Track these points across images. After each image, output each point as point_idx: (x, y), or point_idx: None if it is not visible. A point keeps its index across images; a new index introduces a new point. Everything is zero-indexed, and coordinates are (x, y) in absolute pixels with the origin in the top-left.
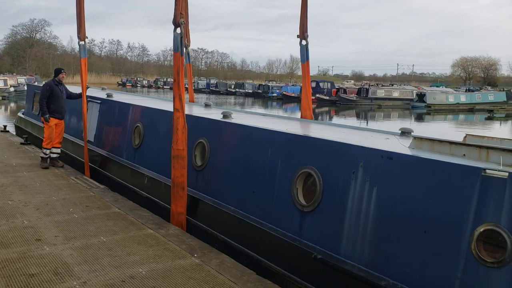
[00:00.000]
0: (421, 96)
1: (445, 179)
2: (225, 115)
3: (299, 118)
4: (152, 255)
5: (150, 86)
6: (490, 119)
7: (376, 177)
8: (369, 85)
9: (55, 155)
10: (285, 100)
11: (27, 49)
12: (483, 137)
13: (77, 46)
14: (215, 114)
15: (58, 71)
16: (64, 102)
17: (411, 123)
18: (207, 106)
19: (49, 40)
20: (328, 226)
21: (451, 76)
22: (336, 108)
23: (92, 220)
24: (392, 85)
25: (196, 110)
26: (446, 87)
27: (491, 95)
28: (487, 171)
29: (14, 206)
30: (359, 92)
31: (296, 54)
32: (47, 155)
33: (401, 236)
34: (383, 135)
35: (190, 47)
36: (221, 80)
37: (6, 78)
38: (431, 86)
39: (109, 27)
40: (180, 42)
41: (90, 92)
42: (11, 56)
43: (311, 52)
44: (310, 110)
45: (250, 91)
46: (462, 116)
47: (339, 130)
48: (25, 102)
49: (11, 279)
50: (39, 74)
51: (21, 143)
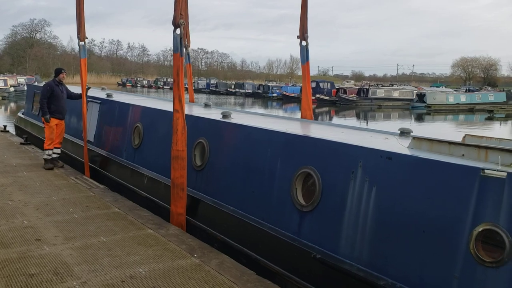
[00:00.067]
0: (421, 96)
1: (444, 179)
2: (224, 115)
3: (298, 118)
4: (152, 255)
5: (150, 86)
6: (490, 119)
7: (375, 177)
8: (369, 85)
9: (55, 155)
10: (285, 100)
11: (27, 49)
12: (482, 137)
13: (77, 46)
14: (214, 114)
15: (59, 71)
16: (64, 102)
17: (411, 123)
18: (206, 106)
19: (49, 40)
20: (327, 226)
21: (451, 76)
22: (336, 108)
23: (92, 220)
24: (392, 85)
25: (196, 110)
26: (446, 87)
27: (491, 96)
28: (486, 171)
29: (14, 206)
30: (359, 92)
31: (296, 54)
32: (50, 155)
33: (400, 236)
34: (382, 135)
35: (190, 47)
36: (221, 80)
37: (6, 78)
38: (431, 86)
39: (109, 27)
40: (179, 42)
41: (90, 92)
42: (11, 56)
43: (311, 52)
44: (310, 111)
45: (250, 91)
46: (462, 117)
47: (338, 130)
48: (25, 102)
49: (11, 279)
50: (39, 74)
51: (21, 143)
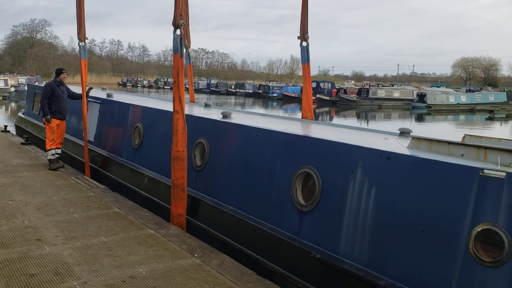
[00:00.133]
0: (421, 97)
1: (443, 179)
2: (224, 115)
3: (298, 118)
4: (152, 255)
5: (150, 86)
6: (491, 119)
7: (374, 177)
8: (369, 85)
9: (56, 155)
10: (285, 100)
11: (27, 49)
12: (481, 137)
13: (77, 46)
14: (214, 114)
15: (60, 71)
16: (65, 103)
17: (411, 124)
18: (207, 106)
19: (49, 40)
20: (327, 226)
21: (451, 77)
22: (337, 108)
23: (93, 220)
24: (393, 85)
25: (196, 110)
26: (446, 88)
27: (492, 96)
28: (485, 171)
29: (15, 206)
30: (359, 92)
31: (297, 54)
32: (54, 155)
33: (399, 236)
34: (382, 135)
35: (191, 48)
36: (221, 80)
37: (6, 78)
38: (431, 87)
39: (109, 27)
40: (180, 43)
41: (91, 92)
42: (11, 56)
43: (311, 52)
44: (311, 112)
45: (251, 91)
46: (462, 117)
47: (338, 130)
48: (25, 102)
49: (12, 279)
50: (39, 74)
51: (21, 143)
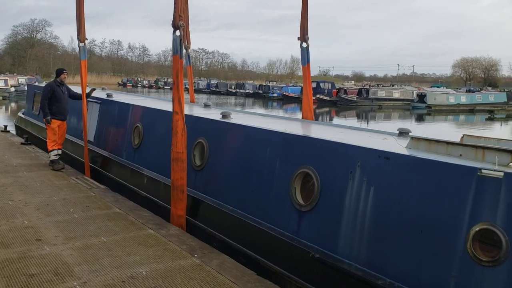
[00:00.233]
0: (421, 97)
1: (441, 179)
2: (224, 115)
3: (297, 118)
4: (152, 255)
5: (150, 87)
6: (491, 119)
7: (373, 177)
8: (369, 85)
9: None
10: (285, 100)
11: (27, 49)
12: (480, 137)
13: (77, 46)
14: (214, 114)
15: (60, 72)
16: (66, 103)
17: (411, 124)
18: (206, 106)
19: (49, 40)
20: (326, 226)
21: (451, 77)
22: (337, 108)
23: (93, 220)
24: (393, 85)
25: (196, 110)
26: (446, 88)
27: (492, 96)
28: (483, 171)
29: (15, 206)
30: (359, 92)
31: (297, 54)
32: (56, 155)
33: (397, 236)
34: (381, 135)
35: (191, 48)
36: (221, 81)
37: (6, 78)
38: (431, 87)
39: (109, 27)
40: (179, 44)
41: (93, 93)
42: (11, 56)
43: (311, 53)
44: (311, 112)
45: (251, 91)
46: (462, 117)
47: (337, 130)
48: (25, 102)
49: (12, 279)
50: (39, 74)
51: (21, 143)
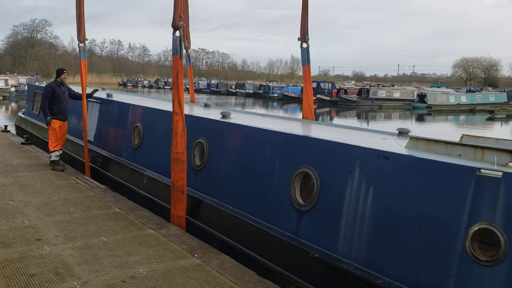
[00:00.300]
0: (422, 97)
1: (440, 178)
2: (224, 115)
3: (297, 118)
4: (152, 255)
5: (151, 86)
6: (491, 119)
7: (372, 176)
8: (370, 85)
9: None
10: (285, 100)
11: (28, 49)
12: (479, 137)
13: (77, 46)
14: (214, 114)
15: (60, 72)
16: (66, 103)
17: (411, 124)
18: (206, 106)
19: (50, 40)
20: (325, 225)
21: (452, 77)
22: (337, 108)
23: (93, 220)
24: (393, 85)
25: (196, 110)
26: (447, 88)
27: (492, 96)
28: (482, 170)
29: (15, 206)
30: (360, 92)
31: (297, 54)
32: (58, 156)
33: (397, 235)
34: (380, 135)
35: (191, 48)
36: (222, 81)
37: (7, 78)
38: (432, 87)
39: (109, 27)
40: (179, 45)
41: (95, 93)
42: (12, 56)
43: (312, 53)
44: (312, 113)
45: (251, 91)
46: (463, 117)
47: (336, 130)
48: (25, 102)
49: (12, 279)
50: (40, 74)
51: (21, 143)
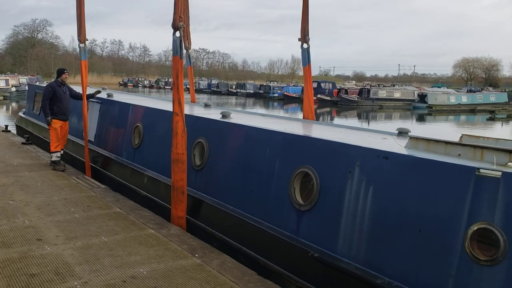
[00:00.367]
0: (422, 97)
1: (439, 178)
2: (224, 115)
3: (297, 118)
4: (153, 255)
5: (151, 86)
6: (492, 120)
7: (372, 176)
8: (370, 85)
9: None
10: (286, 100)
11: (28, 49)
12: (479, 137)
13: (78, 47)
14: (214, 114)
15: (61, 72)
16: (67, 103)
17: (412, 124)
18: (206, 106)
19: (50, 40)
20: (325, 225)
21: (452, 77)
22: (338, 108)
23: (93, 220)
24: (394, 85)
25: (196, 110)
26: (447, 88)
27: (493, 96)
28: (481, 170)
29: (15, 206)
30: (360, 92)
31: (297, 54)
32: (59, 157)
33: (396, 235)
34: (380, 135)
35: (191, 48)
36: (222, 81)
37: (7, 78)
38: (432, 87)
39: (110, 27)
40: (179, 45)
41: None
42: (12, 56)
43: (312, 53)
44: (313, 113)
45: (252, 91)
46: (463, 117)
47: (336, 130)
48: (26, 102)
49: (12, 279)
50: (40, 74)
51: (22, 143)
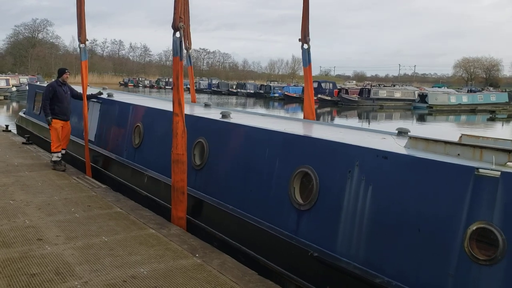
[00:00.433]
0: (423, 97)
1: (439, 178)
2: (224, 115)
3: (297, 118)
4: (153, 255)
5: (152, 86)
6: (492, 120)
7: (371, 176)
8: (371, 85)
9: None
10: (286, 100)
11: (29, 49)
12: (478, 137)
13: (78, 47)
14: (214, 114)
15: (62, 71)
16: (68, 103)
17: (412, 124)
18: (206, 106)
19: (51, 40)
20: (325, 225)
21: (453, 77)
22: (338, 108)
23: (94, 220)
24: (394, 85)
25: (196, 110)
26: (448, 88)
27: (493, 96)
28: (480, 170)
29: (16, 206)
30: (361, 92)
31: (298, 54)
32: (60, 157)
33: (395, 234)
34: (380, 135)
35: (192, 48)
36: (222, 81)
37: (8, 77)
38: (433, 87)
39: (110, 27)
40: (179, 46)
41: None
42: (13, 56)
43: (312, 53)
44: (313, 114)
45: (252, 91)
46: (464, 117)
47: (336, 130)
48: (26, 102)
49: (13, 278)
50: (41, 74)
51: (23, 143)
